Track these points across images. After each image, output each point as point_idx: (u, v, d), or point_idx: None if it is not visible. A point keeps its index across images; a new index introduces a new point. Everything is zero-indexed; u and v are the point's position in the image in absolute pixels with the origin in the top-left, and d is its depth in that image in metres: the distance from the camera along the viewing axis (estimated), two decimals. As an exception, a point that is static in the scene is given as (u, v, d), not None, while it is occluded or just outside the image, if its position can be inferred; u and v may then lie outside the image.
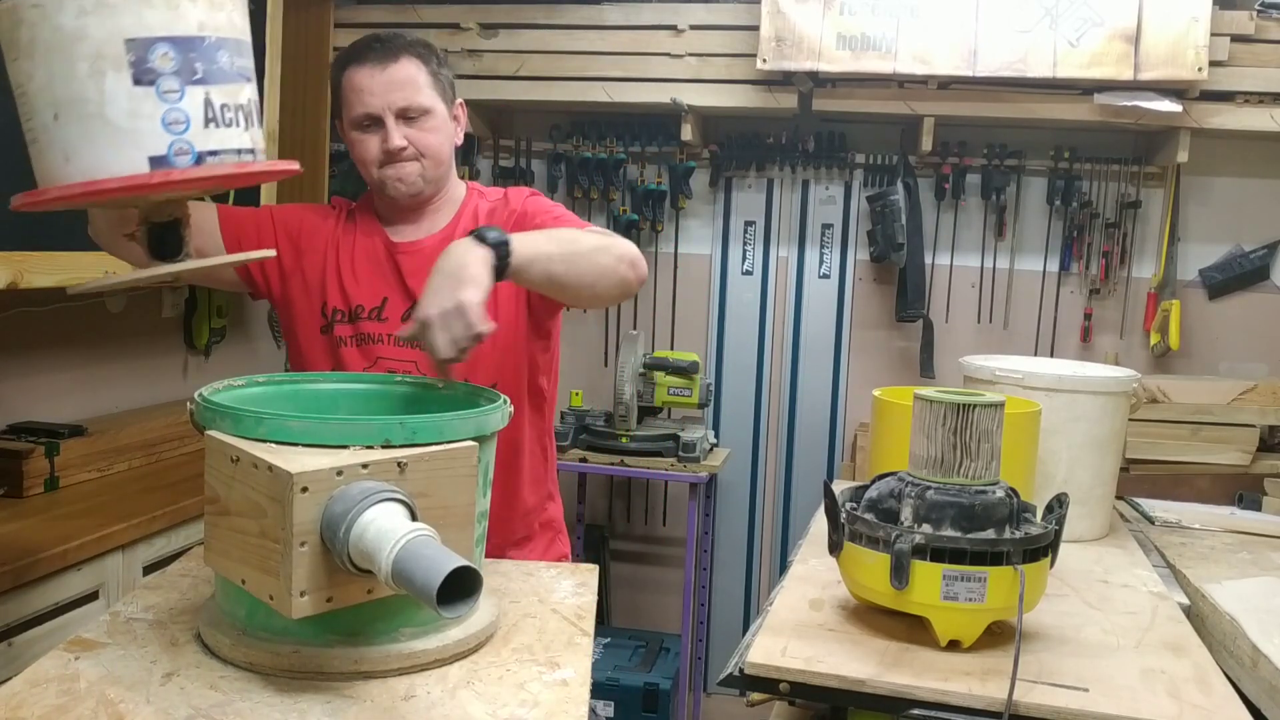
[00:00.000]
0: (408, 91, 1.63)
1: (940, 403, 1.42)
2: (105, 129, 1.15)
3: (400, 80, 1.63)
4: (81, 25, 1.13)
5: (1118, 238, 3.41)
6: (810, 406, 3.67)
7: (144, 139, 1.16)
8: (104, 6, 1.13)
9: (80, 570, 2.07)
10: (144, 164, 1.16)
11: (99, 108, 1.14)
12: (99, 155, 1.16)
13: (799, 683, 1.35)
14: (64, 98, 1.15)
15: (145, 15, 1.14)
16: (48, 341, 2.67)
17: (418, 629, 1.14)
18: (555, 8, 3.35)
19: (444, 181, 1.73)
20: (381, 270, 1.69)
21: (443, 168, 1.70)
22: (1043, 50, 3.01)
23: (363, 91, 1.63)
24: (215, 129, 1.19)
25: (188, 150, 1.17)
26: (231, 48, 1.22)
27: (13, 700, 1.02)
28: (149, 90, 1.15)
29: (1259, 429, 2.94)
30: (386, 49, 1.64)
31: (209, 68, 1.18)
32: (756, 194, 3.64)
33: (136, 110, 1.15)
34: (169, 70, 1.16)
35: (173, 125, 1.16)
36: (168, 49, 1.15)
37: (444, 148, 1.70)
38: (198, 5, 1.17)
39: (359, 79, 1.64)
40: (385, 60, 1.63)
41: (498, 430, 1.25)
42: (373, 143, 1.64)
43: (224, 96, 1.20)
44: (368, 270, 1.70)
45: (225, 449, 1.08)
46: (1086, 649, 1.45)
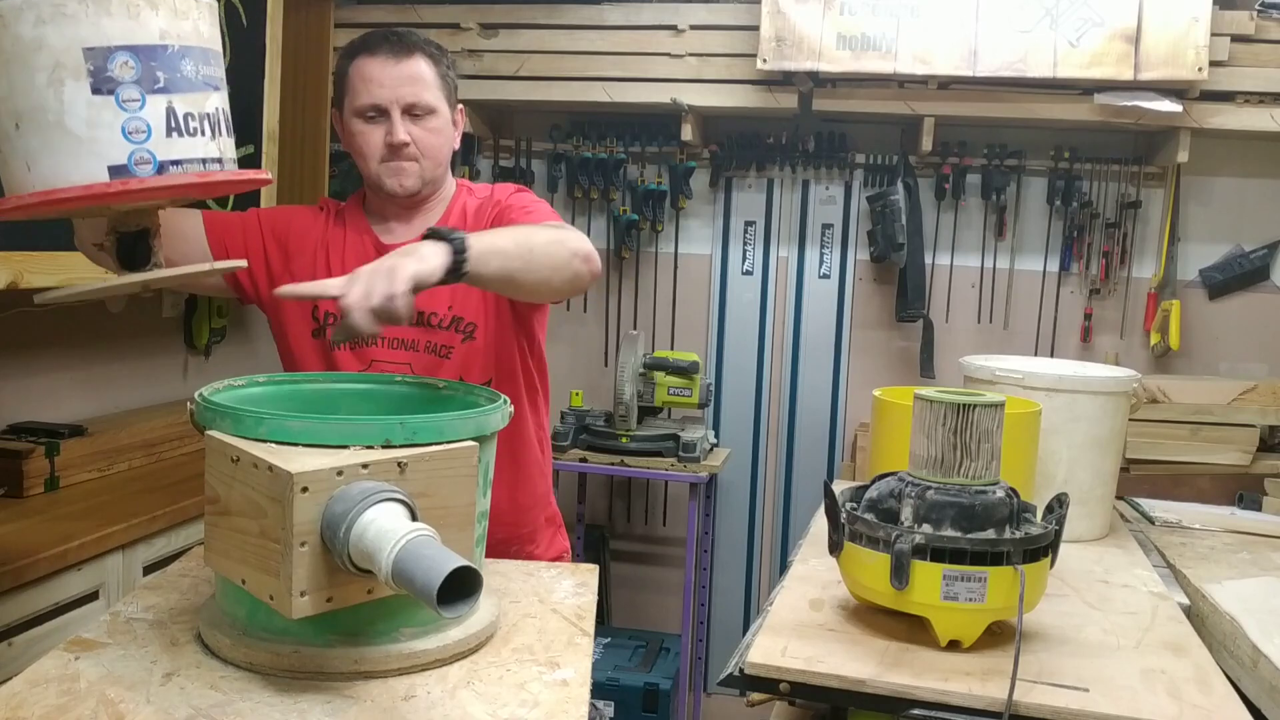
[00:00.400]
0: (417, 88, 1.63)
1: (940, 403, 1.42)
2: (65, 138, 1.14)
3: (411, 76, 1.63)
4: (39, 35, 1.12)
5: (1118, 238, 3.41)
6: (810, 406, 3.67)
7: (104, 148, 1.15)
8: (61, 16, 1.12)
9: (80, 570, 2.07)
10: (103, 173, 1.15)
11: (58, 117, 1.14)
12: (59, 164, 1.15)
13: (799, 683, 1.35)
14: (24, 107, 1.14)
15: (104, 24, 1.13)
16: (48, 341, 2.67)
17: (418, 629, 1.14)
18: (555, 8, 3.35)
19: (440, 182, 1.73)
20: None
21: (440, 169, 1.71)
22: (1043, 50, 3.01)
23: (372, 82, 1.63)
24: (179, 138, 1.18)
25: (149, 160, 1.16)
26: (197, 56, 1.21)
27: (13, 700, 1.02)
28: (108, 99, 1.14)
29: (1259, 429, 2.94)
30: (401, 44, 1.64)
31: (171, 76, 1.17)
32: (756, 194, 3.64)
33: (95, 119, 1.14)
34: (129, 79, 1.15)
35: (133, 134, 1.15)
36: (128, 58, 1.14)
37: (444, 150, 1.70)
38: (160, 13, 1.16)
39: (370, 69, 1.63)
40: (399, 54, 1.63)
41: (498, 430, 1.25)
42: (376, 134, 1.64)
43: (188, 105, 1.19)
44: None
45: (225, 449, 1.08)
46: (1086, 649, 1.45)
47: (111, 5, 1.14)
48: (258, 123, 2.82)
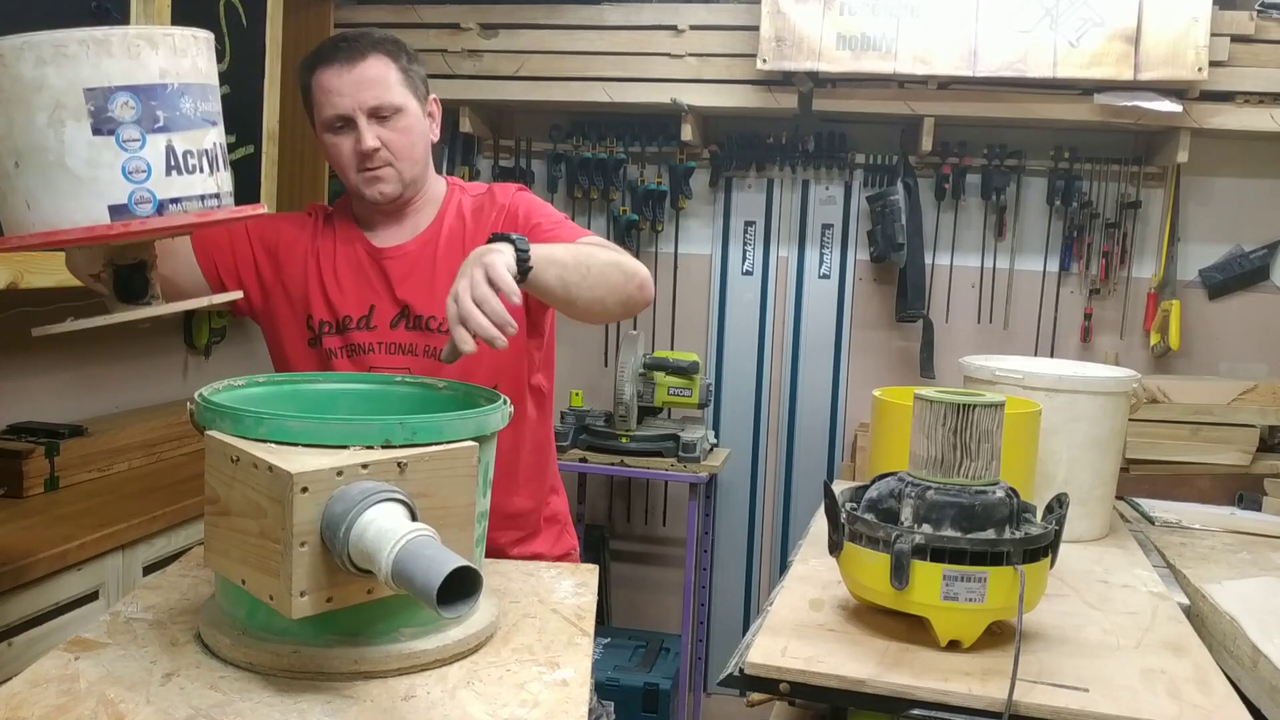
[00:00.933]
0: (378, 90, 1.59)
1: (940, 403, 1.42)
2: (65, 178, 1.15)
3: (370, 79, 1.59)
4: (40, 75, 1.13)
5: (1118, 238, 3.41)
6: (810, 406, 3.67)
7: (104, 188, 1.15)
8: (62, 56, 1.13)
9: (80, 570, 2.07)
10: (104, 213, 1.16)
11: (59, 157, 1.14)
12: (59, 204, 1.16)
13: (799, 683, 1.35)
14: (24, 146, 1.15)
15: (104, 65, 1.14)
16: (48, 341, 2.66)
17: (418, 629, 1.14)
18: (555, 8, 3.35)
19: (422, 182, 1.69)
20: (366, 277, 1.67)
21: (419, 167, 1.66)
22: (1043, 50, 3.01)
23: (331, 92, 1.59)
24: (178, 176, 1.19)
25: (148, 199, 1.17)
26: (196, 93, 1.21)
27: (13, 700, 1.02)
28: (109, 139, 1.15)
29: (1259, 429, 2.94)
30: (353, 47, 1.60)
31: (171, 115, 1.18)
32: (756, 194, 3.64)
33: (96, 159, 1.15)
34: (129, 119, 1.15)
35: (134, 174, 1.16)
36: (128, 98, 1.15)
37: (417, 147, 1.65)
38: (159, 53, 1.16)
39: (327, 79, 1.60)
40: (353, 59, 1.59)
41: (498, 430, 1.25)
42: (346, 144, 1.61)
43: (187, 143, 1.20)
44: (351, 279, 1.67)
45: (225, 449, 1.08)
46: (1086, 649, 1.45)
47: (112, 45, 1.14)
48: (258, 123, 2.82)
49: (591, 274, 1.46)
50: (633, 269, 1.53)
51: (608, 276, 1.49)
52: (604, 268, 1.48)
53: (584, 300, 1.48)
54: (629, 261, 1.54)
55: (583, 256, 1.47)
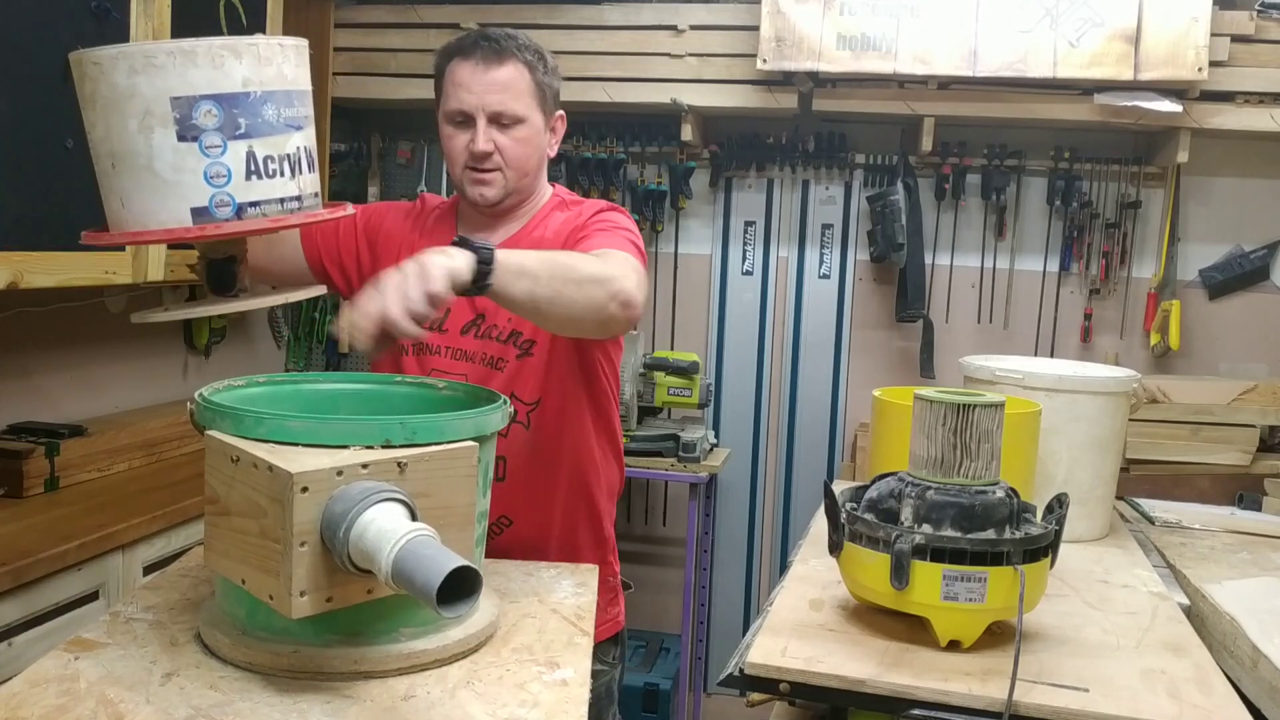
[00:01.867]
0: (505, 96, 1.60)
1: (940, 403, 1.42)
2: (153, 181, 1.23)
3: (501, 83, 1.60)
4: (132, 84, 1.20)
5: (1118, 238, 3.41)
6: (810, 406, 3.67)
7: (187, 191, 1.23)
8: (152, 67, 1.20)
9: (80, 570, 2.07)
10: (186, 215, 1.23)
11: (148, 161, 1.22)
12: (147, 204, 1.24)
13: (799, 683, 1.35)
14: (119, 150, 1.23)
15: (190, 75, 1.20)
16: (48, 341, 2.67)
17: (417, 629, 1.14)
18: (555, 8, 3.35)
19: (528, 191, 1.69)
20: None
21: (527, 179, 1.67)
22: (1043, 50, 3.01)
23: (460, 86, 1.61)
24: (257, 181, 1.25)
25: (228, 202, 1.24)
26: (279, 100, 1.26)
27: (13, 700, 1.02)
28: (192, 145, 1.22)
29: (1259, 429, 2.94)
30: (494, 49, 1.61)
31: (252, 122, 1.24)
32: (756, 194, 3.64)
33: (180, 164, 1.22)
34: (212, 126, 1.22)
35: (214, 179, 1.23)
36: (211, 106, 1.21)
37: (530, 159, 1.65)
38: (243, 62, 1.22)
39: (461, 73, 1.61)
40: (491, 60, 1.60)
41: (498, 430, 1.25)
42: (461, 140, 1.62)
43: (268, 149, 1.25)
44: None
45: (225, 449, 1.08)
46: (1086, 649, 1.45)
47: (198, 56, 1.20)
48: (258, 123, 2.82)
49: (567, 290, 1.38)
50: (619, 286, 1.43)
51: (587, 293, 1.41)
52: (584, 284, 1.40)
53: (556, 317, 1.42)
54: (619, 276, 1.44)
55: (560, 269, 1.39)
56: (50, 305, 2.61)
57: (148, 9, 2.32)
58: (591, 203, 1.74)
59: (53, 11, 2.10)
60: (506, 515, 1.66)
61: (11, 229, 2.06)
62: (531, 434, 1.65)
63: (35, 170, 2.10)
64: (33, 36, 2.06)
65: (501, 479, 1.64)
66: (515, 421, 1.62)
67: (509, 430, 1.62)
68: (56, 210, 2.16)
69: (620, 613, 1.82)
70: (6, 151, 2.04)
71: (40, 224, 2.12)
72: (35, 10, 2.06)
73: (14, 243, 2.06)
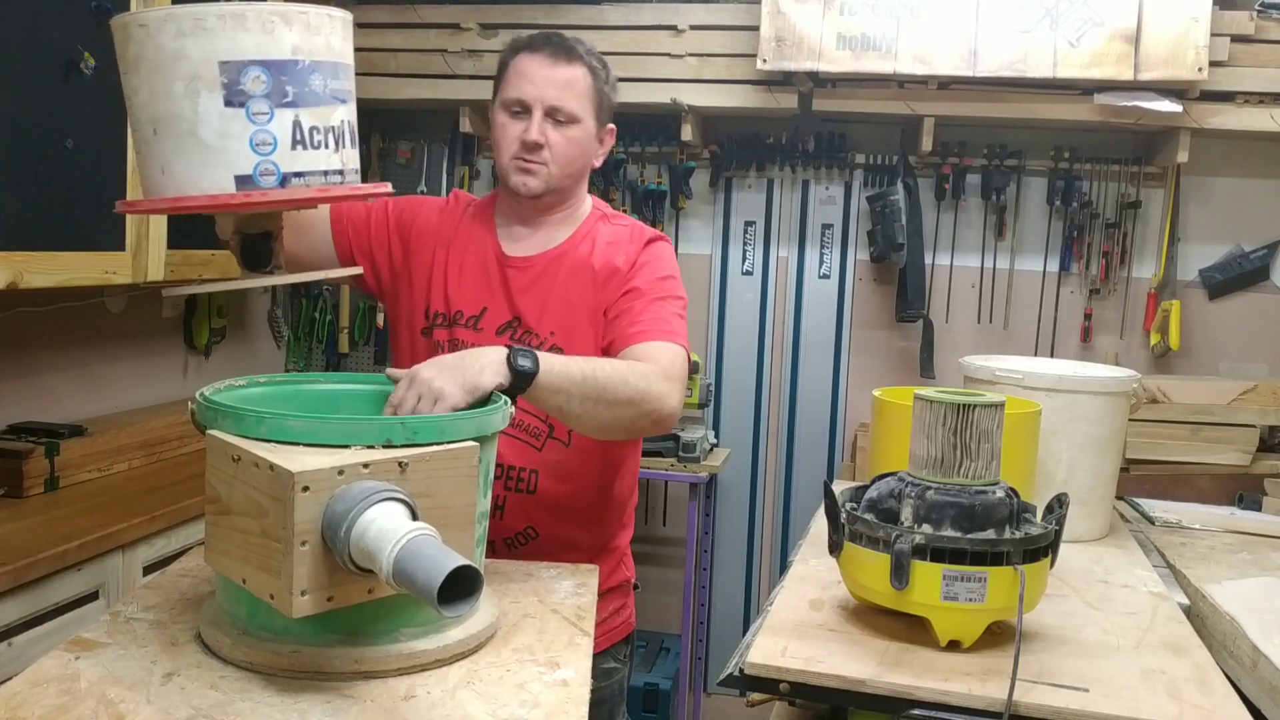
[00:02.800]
0: (565, 94, 1.62)
1: (940, 403, 1.42)
2: (197, 146, 1.20)
3: (563, 80, 1.63)
4: (180, 46, 1.18)
5: (1118, 238, 3.41)
6: (810, 406, 3.67)
7: (232, 158, 1.20)
8: (201, 30, 1.18)
9: (80, 570, 2.07)
10: (230, 182, 1.21)
11: (192, 126, 1.20)
12: (189, 171, 1.21)
13: (799, 683, 1.35)
14: (162, 114, 1.21)
15: (240, 39, 1.18)
16: (48, 341, 2.67)
17: (418, 629, 1.14)
18: (555, 8, 3.35)
19: (569, 194, 1.70)
20: (488, 279, 1.67)
21: (570, 180, 1.68)
22: (1043, 50, 3.01)
23: (523, 77, 1.63)
24: (303, 151, 1.23)
25: (273, 171, 1.22)
26: (326, 71, 1.25)
27: (13, 700, 1.02)
28: (239, 111, 1.20)
29: (1259, 429, 2.94)
30: (564, 48, 1.65)
31: (300, 91, 1.22)
32: (756, 194, 3.64)
33: (226, 130, 1.20)
34: (259, 93, 1.20)
35: (260, 146, 1.21)
36: (259, 72, 1.19)
37: (577, 160, 1.67)
38: (293, 29, 1.21)
39: (526, 64, 1.63)
40: (558, 58, 1.63)
41: (499, 430, 1.25)
42: (514, 129, 1.63)
43: (314, 119, 1.24)
44: (475, 277, 1.68)
45: (227, 448, 1.08)
46: (1086, 649, 1.45)
47: (248, 21, 1.19)
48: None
49: (599, 407, 1.44)
50: (651, 406, 1.49)
51: (617, 413, 1.46)
52: (617, 405, 1.45)
53: (583, 427, 1.50)
54: (654, 396, 1.49)
55: (597, 388, 1.44)
56: (50, 305, 2.61)
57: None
58: (636, 226, 1.74)
59: (52, 11, 2.10)
60: (533, 527, 1.67)
61: (11, 229, 2.06)
62: (570, 451, 1.65)
63: (35, 170, 2.10)
64: (33, 36, 2.06)
65: (532, 492, 1.65)
66: (554, 438, 1.63)
67: (545, 445, 1.63)
68: (56, 210, 2.16)
69: (632, 613, 1.84)
70: (6, 151, 2.04)
71: (40, 224, 2.13)
72: (35, 10, 2.06)
73: (14, 243, 2.06)
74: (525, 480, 1.64)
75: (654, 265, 1.67)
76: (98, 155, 2.26)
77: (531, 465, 1.64)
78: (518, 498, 1.65)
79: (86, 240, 2.25)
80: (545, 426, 1.63)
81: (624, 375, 1.48)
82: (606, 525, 1.76)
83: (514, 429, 1.62)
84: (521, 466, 1.64)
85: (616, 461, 1.74)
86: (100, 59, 2.20)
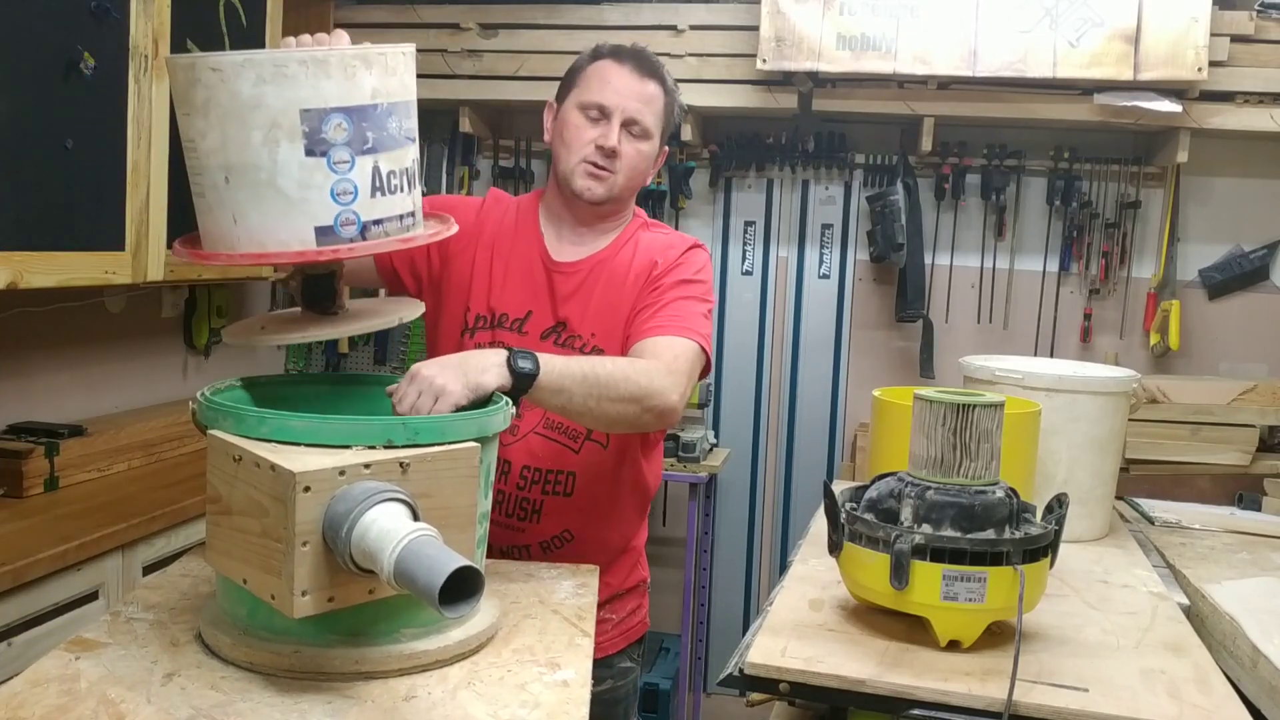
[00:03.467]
0: (645, 107, 1.64)
1: (940, 403, 1.42)
2: (276, 197, 1.15)
3: (646, 94, 1.65)
4: (259, 94, 1.13)
5: (1118, 238, 3.41)
6: (810, 406, 3.67)
7: (312, 209, 1.16)
8: (282, 77, 1.13)
9: (80, 570, 2.07)
10: (310, 234, 1.16)
11: (270, 176, 1.15)
12: (267, 222, 1.16)
13: (799, 683, 1.35)
14: (236, 162, 1.15)
15: (322, 86, 1.14)
16: (48, 341, 2.67)
17: (419, 629, 1.14)
18: (555, 8, 3.35)
19: (623, 204, 1.72)
20: (534, 284, 1.67)
21: (630, 192, 1.70)
22: (1043, 50, 3.01)
23: (608, 83, 1.63)
24: (381, 197, 1.19)
25: (353, 221, 1.18)
26: (401, 111, 1.21)
27: (13, 700, 1.02)
28: (320, 161, 1.15)
29: (1259, 429, 2.94)
30: (649, 65, 1.67)
31: (379, 135, 1.18)
32: (756, 194, 3.64)
33: (307, 181, 1.15)
34: (341, 141, 1.16)
35: (341, 196, 1.16)
36: (341, 119, 1.15)
37: (640, 174, 1.69)
38: (373, 72, 1.17)
39: (612, 72, 1.64)
40: (643, 72, 1.65)
41: (500, 431, 1.25)
42: (590, 132, 1.63)
43: (391, 163, 1.20)
44: (520, 281, 1.67)
45: (228, 448, 1.08)
46: (1086, 649, 1.45)
47: (330, 67, 1.14)
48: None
49: (601, 405, 1.44)
50: (653, 402, 1.47)
51: (620, 409, 1.46)
52: (619, 401, 1.45)
53: (587, 424, 1.53)
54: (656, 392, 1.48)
55: (598, 388, 1.43)
56: (50, 305, 2.61)
57: (147, 9, 2.32)
58: (679, 237, 1.75)
59: (52, 11, 2.10)
60: (569, 530, 1.67)
61: (11, 229, 2.06)
62: (607, 453, 1.66)
63: (35, 170, 2.10)
64: (33, 36, 2.06)
65: (569, 495, 1.65)
66: (592, 440, 1.63)
67: (582, 447, 1.63)
68: (56, 210, 2.16)
69: (646, 613, 1.85)
70: (6, 151, 2.04)
71: (40, 224, 2.12)
72: (35, 10, 2.06)
73: (14, 243, 2.06)
74: (563, 483, 1.64)
75: (686, 268, 1.68)
76: (98, 155, 2.25)
77: (569, 468, 1.64)
78: (555, 501, 1.65)
79: (86, 240, 2.24)
80: (583, 429, 1.63)
81: (625, 372, 1.47)
82: (632, 523, 1.77)
83: (551, 431, 1.64)
84: (559, 469, 1.64)
85: (648, 459, 1.74)
86: (100, 59, 2.20)
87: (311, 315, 1.33)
